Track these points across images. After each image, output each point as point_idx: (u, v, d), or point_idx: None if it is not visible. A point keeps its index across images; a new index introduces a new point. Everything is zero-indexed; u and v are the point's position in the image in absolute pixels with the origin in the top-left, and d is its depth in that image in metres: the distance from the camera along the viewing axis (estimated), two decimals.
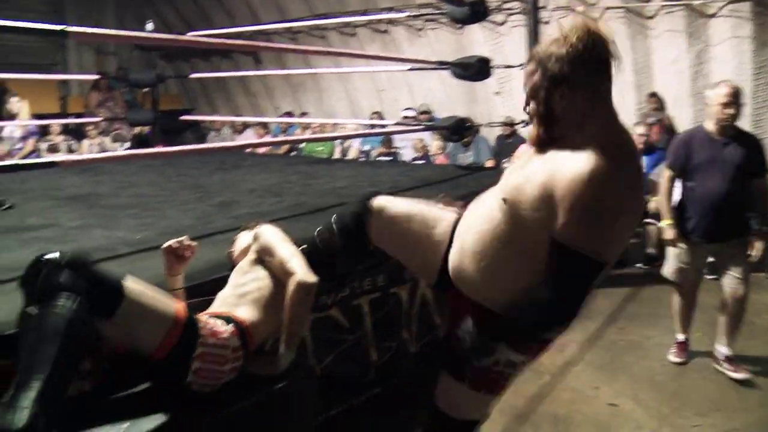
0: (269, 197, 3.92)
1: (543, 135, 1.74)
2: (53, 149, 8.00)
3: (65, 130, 8.64)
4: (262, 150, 8.24)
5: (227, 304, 2.09)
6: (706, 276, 3.90)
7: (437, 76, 7.57)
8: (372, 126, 7.60)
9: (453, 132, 4.76)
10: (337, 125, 8.65)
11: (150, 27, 5.87)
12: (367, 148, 8.57)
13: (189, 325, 1.83)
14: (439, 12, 5.46)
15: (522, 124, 5.26)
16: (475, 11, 4.38)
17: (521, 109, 1.85)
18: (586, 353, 3.94)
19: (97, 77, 9.01)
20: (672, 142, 3.96)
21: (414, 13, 7.03)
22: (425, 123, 7.07)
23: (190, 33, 5.93)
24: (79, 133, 8.79)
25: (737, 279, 3.62)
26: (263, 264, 2.20)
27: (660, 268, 4.63)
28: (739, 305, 3.64)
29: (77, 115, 9.24)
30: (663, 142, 6.38)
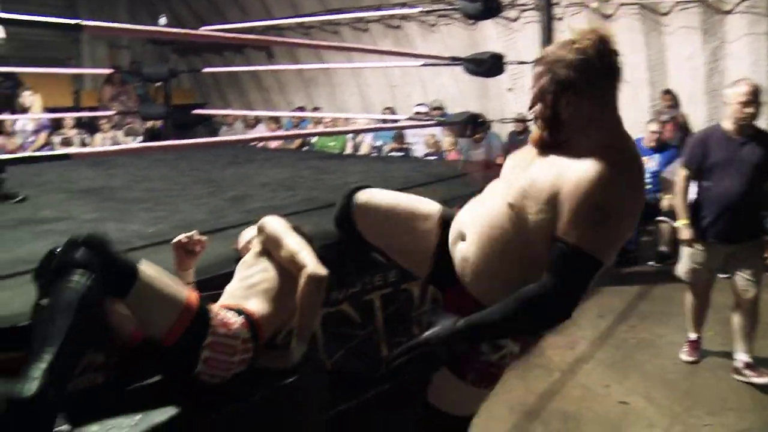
0: (282, 191, 3.93)
1: (547, 138, 1.74)
2: (67, 143, 8.03)
3: (78, 123, 8.69)
4: (274, 144, 8.26)
5: (236, 296, 2.10)
6: (718, 275, 3.86)
7: (450, 72, 7.56)
8: (384, 121, 7.59)
9: (465, 128, 4.74)
10: (349, 120, 8.65)
11: (163, 21, 5.89)
12: (379, 143, 8.55)
13: (200, 314, 1.85)
14: (452, 8, 5.45)
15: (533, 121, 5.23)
16: (489, 7, 4.35)
17: None
18: (597, 351, 3.93)
19: (111, 71, 9.03)
20: (688, 140, 3.92)
21: (427, 9, 6.99)
22: (437, 118, 7.05)
23: (202, 27, 5.94)
24: (93, 127, 8.84)
25: (749, 281, 3.58)
26: (268, 255, 2.21)
27: (672, 266, 4.61)
28: (752, 307, 3.60)
29: (90, 109, 9.27)
30: (677, 139, 6.35)
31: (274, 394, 2.04)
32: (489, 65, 4.49)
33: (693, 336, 3.86)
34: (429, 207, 2.14)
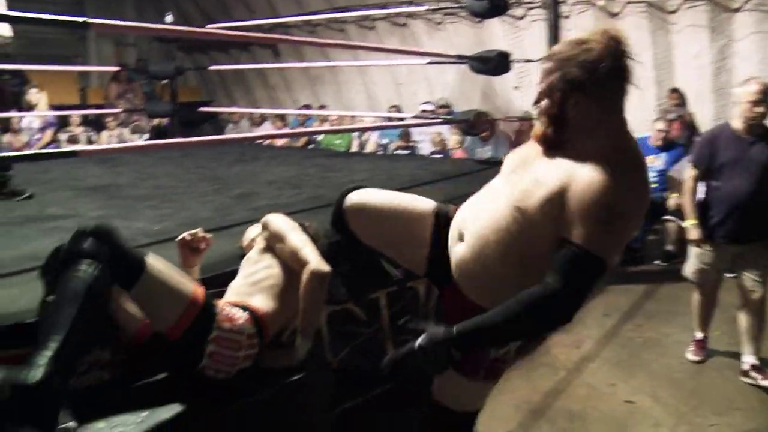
0: (288, 189, 3.93)
1: (552, 135, 1.72)
2: (73, 140, 8.06)
3: (85, 121, 8.71)
4: (280, 142, 8.26)
5: (241, 293, 2.10)
6: (725, 274, 3.84)
7: (456, 69, 7.55)
8: (390, 119, 7.59)
9: (472, 126, 4.74)
10: (355, 118, 8.65)
11: (169, 19, 5.90)
12: (385, 141, 8.55)
13: (206, 308, 1.86)
14: (459, 5, 5.44)
15: (537, 117, 5.23)
16: (495, 5, 4.35)
17: None
18: (602, 350, 3.92)
19: (117, 69, 9.05)
20: (697, 140, 3.89)
21: (433, 7, 7.00)
22: (444, 117, 7.05)
23: (209, 25, 5.95)
24: (99, 125, 8.86)
25: (757, 281, 3.55)
26: (272, 252, 2.21)
27: (679, 265, 4.58)
28: (760, 307, 3.57)
29: (97, 107, 9.30)
30: (683, 138, 6.32)
31: (280, 391, 2.04)
32: (495, 63, 4.49)
33: (699, 335, 3.85)
34: (422, 205, 2.10)
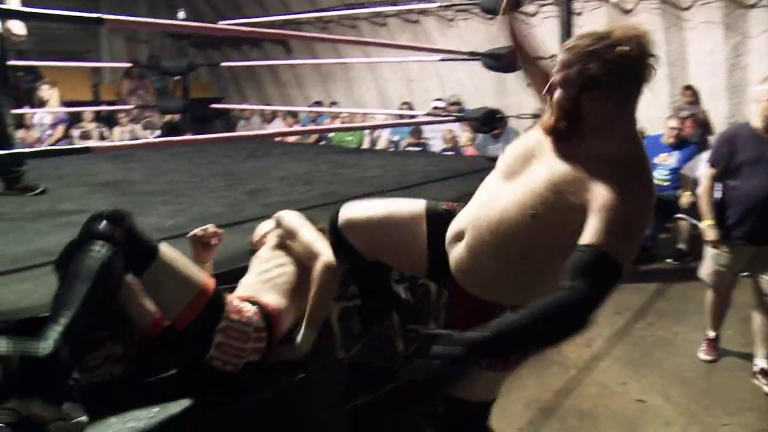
0: (300, 185, 3.93)
1: (563, 129, 1.69)
2: (85, 136, 8.09)
3: (97, 117, 8.75)
4: (291, 139, 8.27)
5: (252, 289, 2.11)
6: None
7: (468, 66, 7.52)
8: (401, 116, 7.59)
9: (483, 123, 4.73)
10: (367, 115, 8.65)
11: (182, 15, 5.91)
12: (397, 138, 8.55)
13: (215, 299, 1.87)
14: (471, 2, 5.41)
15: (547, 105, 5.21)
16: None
17: None
18: (613, 348, 3.91)
19: (129, 65, 9.09)
20: (711, 138, 3.83)
21: (445, 4, 6.97)
22: (455, 114, 7.04)
23: (221, 22, 5.96)
24: (111, 121, 8.89)
25: None
26: (285, 249, 2.22)
27: (690, 263, 4.57)
28: None
29: (109, 103, 9.34)
30: (696, 136, 6.29)
31: (291, 387, 2.04)
32: (507, 60, 4.45)
33: (712, 334, 3.81)
34: (413, 207, 2.09)
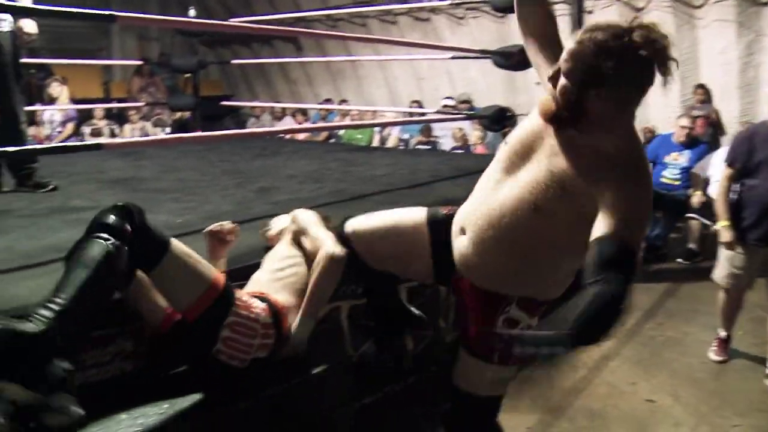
0: (309, 183, 3.94)
1: (564, 118, 1.67)
2: (96, 133, 8.12)
3: (108, 114, 8.78)
4: (301, 137, 8.28)
5: (263, 286, 2.11)
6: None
7: (478, 65, 7.51)
8: (411, 114, 7.58)
9: (493, 122, 4.72)
10: (377, 113, 8.65)
11: (192, 13, 5.92)
12: (406, 136, 8.55)
13: (225, 293, 1.87)
14: (481, 0, 5.40)
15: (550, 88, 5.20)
16: None
17: None
18: (623, 348, 3.89)
19: (140, 63, 9.12)
20: (724, 138, 3.78)
21: (456, 2, 6.95)
22: (465, 112, 7.03)
23: (231, 19, 5.97)
24: (122, 118, 8.93)
25: None
26: (299, 248, 2.23)
27: (701, 263, 4.54)
28: None
29: (120, 100, 9.38)
30: (708, 135, 6.25)
31: (300, 385, 2.05)
32: (517, 59, 4.44)
33: (723, 334, 3.76)
34: (414, 215, 2.11)
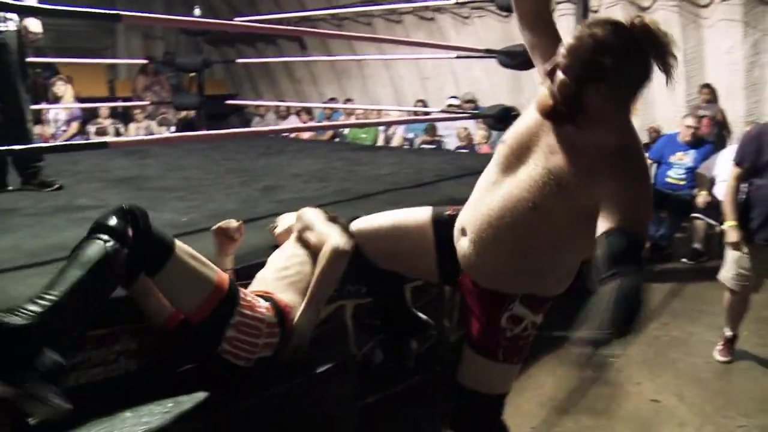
0: (314, 182, 3.94)
1: (562, 113, 1.67)
2: (101, 132, 8.14)
3: (113, 113, 8.80)
4: (306, 135, 8.29)
5: (269, 286, 2.11)
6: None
7: (483, 64, 7.51)
8: (416, 113, 7.58)
9: (498, 121, 4.72)
10: (381, 112, 8.66)
11: (197, 12, 5.93)
12: (411, 135, 8.55)
13: (229, 294, 1.86)
14: (486, 0, 5.40)
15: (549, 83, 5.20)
16: None
17: None
18: (627, 348, 3.88)
19: (145, 62, 9.14)
20: (742, 137, 3.74)
21: (461, 1, 6.95)
22: (470, 111, 7.02)
23: (236, 18, 5.97)
24: (127, 117, 8.95)
25: None
26: (305, 246, 2.22)
27: (706, 263, 4.52)
28: None
29: (125, 99, 9.39)
30: (713, 135, 6.23)
31: (304, 384, 2.05)
32: (522, 58, 4.42)
33: (729, 334, 3.72)
34: (419, 215, 2.12)
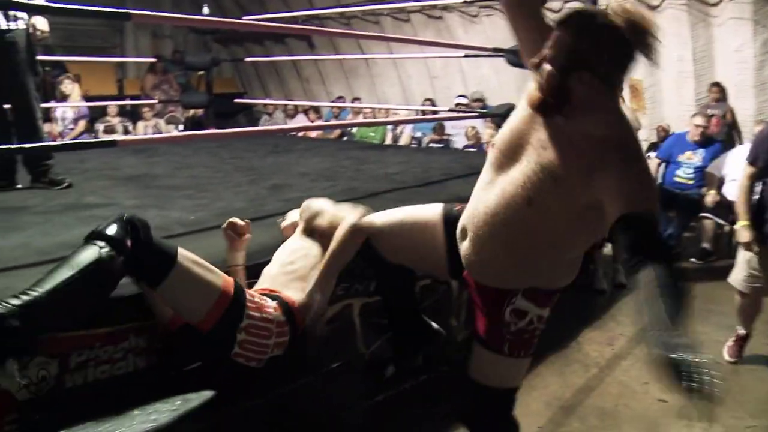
0: (322, 181, 3.94)
1: (550, 104, 1.69)
2: (110, 130, 8.17)
3: (122, 111, 8.82)
4: (314, 134, 8.30)
5: (275, 282, 2.10)
6: None
7: (490, 63, 7.49)
8: (424, 112, 7.58)
9: (506, 120, 4.71)
10: (390, 111, 8.66)
11: (206, 11, 5.96)
12: (419, 134, 8.55)
13: (236, 298, 1.85)
14: None
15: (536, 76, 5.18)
16: None
17: None
18: (635, 347, 3.86)
19: (154, 60, 9.16)
20: (756, 135, 3.70)
21: (469, 0, 6.94)
22: (478, 110, 7.02)
23: (245, 17, 5.98)
24: (135, 115, 8.97)
25: None
26: (311, 238, 2.22)
27: (714, 263, 4.49)
28: None
29: (133, 97, 9.42)
30: (722, 134, 6.20)
31: (312, 382, 2.05)
32: None
33: (742, 332, 3.66)
34: (430, 212, 2.13)
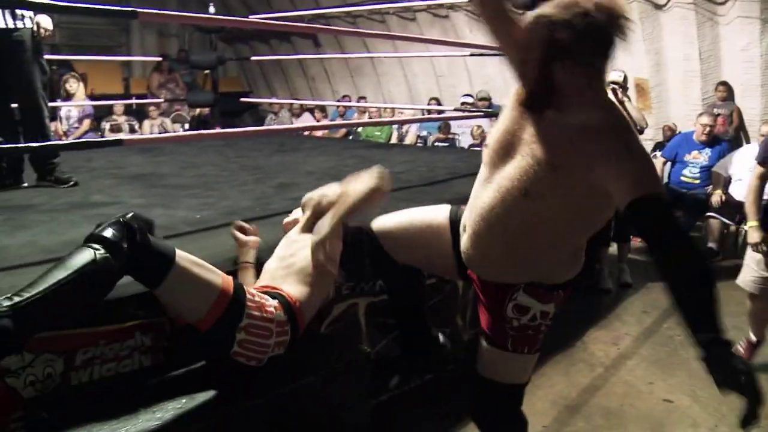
0: (327, 180, 3.89)
1: (536, 98, 1.70)
2: (116, 129, 8.19)
3: (128, 110, 8.84)
4: (319, 133, 8.31)
5: (275, 277, 2.08)
6: None
7: (496, 62, 7.45)
8: (430, 111, 7.58)
9: None
10: (395, 110, 8.66)
11: (212, 10, 5.96)
12: (425, 133, 8.55)
13: (235, 298, 1.83)
14: None
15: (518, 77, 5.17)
16: None
17: None
18: (641, 347, 3.87)
19: (159, 59, 9.17)
20: (767, 136, 3.67)
21: None
22: (484, 109, 7.01)
23: (251, 15, 5.99)
24: (141, 114, 8.99)
25: None
26: (310, 230, 2.22)
27: (720, 263, 4.46)
28: None
29: (139, 96, 9.44)
30: (729, 133, 6.19)
31: (316, 382, 2.05)
32: None
33: (753, 339, 3.61)
34: (437, 213, 2.14)
